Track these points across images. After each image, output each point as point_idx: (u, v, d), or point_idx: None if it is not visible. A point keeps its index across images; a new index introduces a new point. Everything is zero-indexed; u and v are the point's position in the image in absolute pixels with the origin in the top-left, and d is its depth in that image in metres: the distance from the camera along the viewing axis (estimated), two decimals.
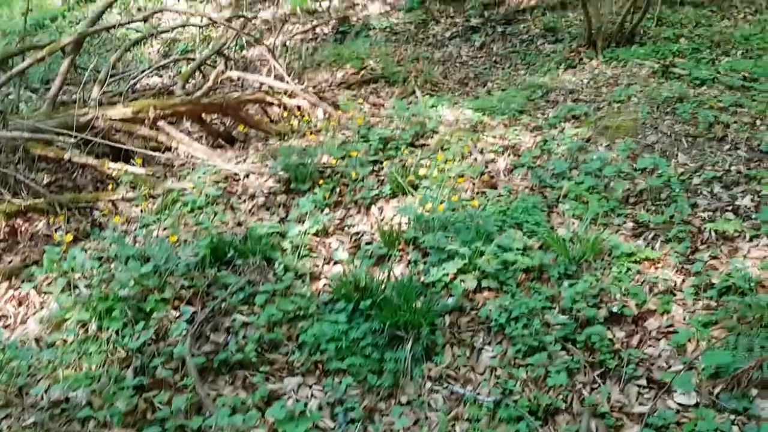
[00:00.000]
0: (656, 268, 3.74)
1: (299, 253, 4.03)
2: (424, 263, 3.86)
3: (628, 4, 7.37)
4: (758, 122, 5.07)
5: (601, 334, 3.29)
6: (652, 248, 3.87)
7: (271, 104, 6.31)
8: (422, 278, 3.74)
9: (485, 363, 3.30)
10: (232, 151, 5.80)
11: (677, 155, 4.80)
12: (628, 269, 3.70)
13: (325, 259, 4.11)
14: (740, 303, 3.26)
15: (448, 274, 3.69)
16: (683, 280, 3.61)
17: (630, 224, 4.12)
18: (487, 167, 4.95)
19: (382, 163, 5.07)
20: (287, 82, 6.21)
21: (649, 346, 3.29)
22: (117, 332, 3.35)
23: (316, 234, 4.31)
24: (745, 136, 4.86)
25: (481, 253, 3.76)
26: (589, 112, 5.68)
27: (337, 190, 4.82)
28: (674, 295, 3.53)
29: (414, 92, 7.38)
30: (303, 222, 4.39)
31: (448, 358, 3.33)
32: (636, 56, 7.07)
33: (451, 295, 3.62)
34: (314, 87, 7.66)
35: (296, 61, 8.76)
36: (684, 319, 3.36)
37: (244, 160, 5.27)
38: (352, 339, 3.33)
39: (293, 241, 4.17)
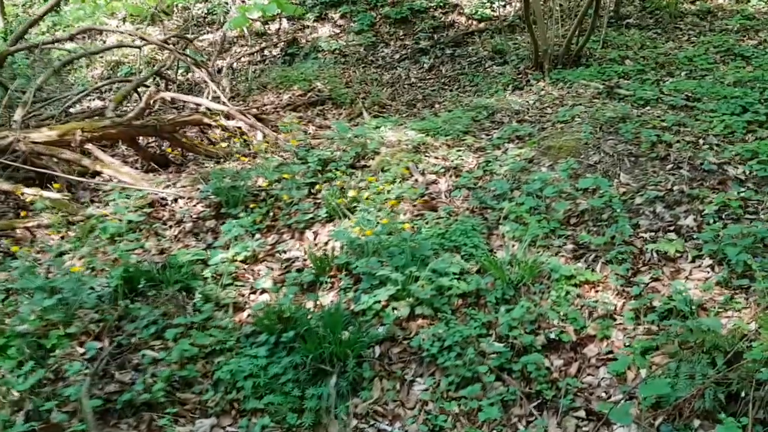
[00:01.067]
0: (596, 291, 3.59)
1: (222, 282, 3.77)
2: (356, 290, 3.65)
3: (574, 26, 7.37)
4: (701, 141, 5.02)
5: (538, 362, 3.11)
6: (593, 270, 3.72)
7: (209, 126, 6.07)
8: (352, 306, 3.51)
9: (416, 397, 3.08)
10: (166, 174, 5.51)
11: (619, 175, 4.70)
12: (568, 293, 3.54)
13: (251, 288, 3.85)
14: (682, 327, 3.12)
15: (379, 302, 3.47)
16: (623, 304, 3.46)
17: (570, 246, 3.98)
18: (428, 189, 4.78)
19: (320, 185, 4.86)
20: (224, 103, 5.98)
21: (588, 374, 3.12)
22: (11, 372, 3.04)
23: (244, 261, 4.06)
24: (687, 155, 4.79)
25: (416, 279, 3.56)
26: (533, 133, 5.57)
27: (271, 214, 4.59)
28: (614, 319, 3.37)
29: (361, 114, 7.24)
30: (230, 248, 4.13)
31: (376, 392, 3.10)
32: (582, 77, 7.05)
33: (382, 324, 3.40)
34: (259, 109, 7.46)
35: (243, 83, 8.57)
36: (624, 345, 3.20)
37: (175, 184, 5.00)
38: (272, 375, 3.07)
39: (218, 269, 3.90)
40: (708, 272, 3.59)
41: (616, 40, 8.16)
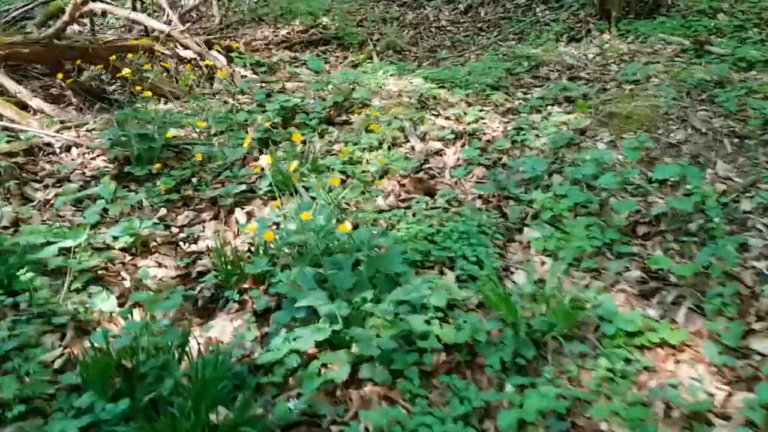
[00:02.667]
0: (677, 362, 2.09)
1: (69, 285, 2.37)
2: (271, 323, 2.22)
3: None
4: None
5: None
6: (673, 321, 2.22)
7: (161, 54, 4.63)
8: (256, 354, 2.09)
9: None
10: (92, 115, 4.12)
11: (716, 163, 3.14)
12: (628, 362, 2.05)
13: (124, 294, 2.46)
14: None
15: (300, 351, 2.04)
16: (729, 395, 1.96)
17: (636, 273, 2.47)
18: (426, 161, 3.29)
19: (277, 144, 3.42)
20: (169, 24, 4.54)
21: None
22: None
23: (125, 249, 2.66)
24: None
25: (369, 315, 2.11)
26: (590, 94, 4.01)
27: (195, 180, 3.18)
28: (710, 425, 1.87)
29: (371, 59, 5.74)
30: (112, 227, 2.73)
31: None
32: (660, 30, 5.40)
33: (299, 394, 1.97)
34: (247, 44, 6.02)
35: (241, 13, 7.11)
36: None
37: (78, 127, 3.61)
38: None
39: (78, 262, 2.51)
40: None
41: None
